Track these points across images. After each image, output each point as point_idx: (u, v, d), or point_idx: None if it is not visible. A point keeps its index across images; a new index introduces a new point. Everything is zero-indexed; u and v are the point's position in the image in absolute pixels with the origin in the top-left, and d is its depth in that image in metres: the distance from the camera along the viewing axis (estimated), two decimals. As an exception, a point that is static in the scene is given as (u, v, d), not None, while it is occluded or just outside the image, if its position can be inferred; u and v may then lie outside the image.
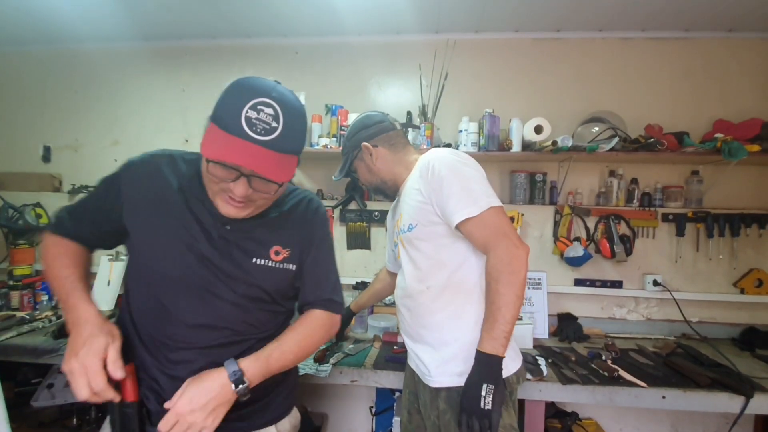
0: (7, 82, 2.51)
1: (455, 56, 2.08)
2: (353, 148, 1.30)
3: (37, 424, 2.00)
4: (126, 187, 0.90)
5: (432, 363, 1.14)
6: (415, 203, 1.15)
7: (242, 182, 0.80)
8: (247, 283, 0.91)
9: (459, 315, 1.12)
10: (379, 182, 1.32)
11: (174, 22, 2.17)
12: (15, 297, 2.17)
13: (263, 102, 0.77)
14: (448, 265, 1.13)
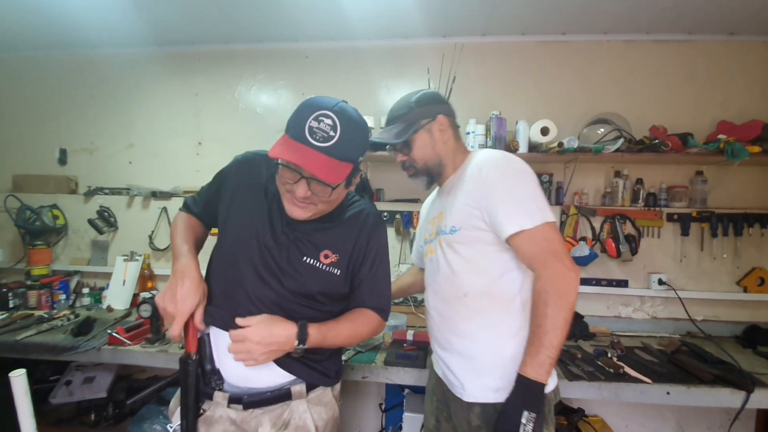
0: (24, 87, 2.58)
1: (462, 59, 2.12)
2: (424, 117, 1.15)
3: (55, 420, 2.06)
4: (228, 179, 1.10)
5: (464, 375, 1.09)
6: (461, 205, 1.09)
7: (302, 184, 0.93)
8: (294, 279, 1.01)
9: (494, 326, 1.07)
10: (434, 163, 1.19)
11: (187, 27, 2.22)
12: (32, 296, 2.23)
13: (324, 114, 0.90)
14: (488, 274, 1.07)
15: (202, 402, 1.03)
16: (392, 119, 1.20)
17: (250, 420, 1.02)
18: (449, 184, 1.19)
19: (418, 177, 1.22)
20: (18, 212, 2.35)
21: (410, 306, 2.13)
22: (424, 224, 1.33)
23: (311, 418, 1.05)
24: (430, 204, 1.36)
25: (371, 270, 1.10)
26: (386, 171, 2.30)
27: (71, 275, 2.40)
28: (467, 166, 1.14)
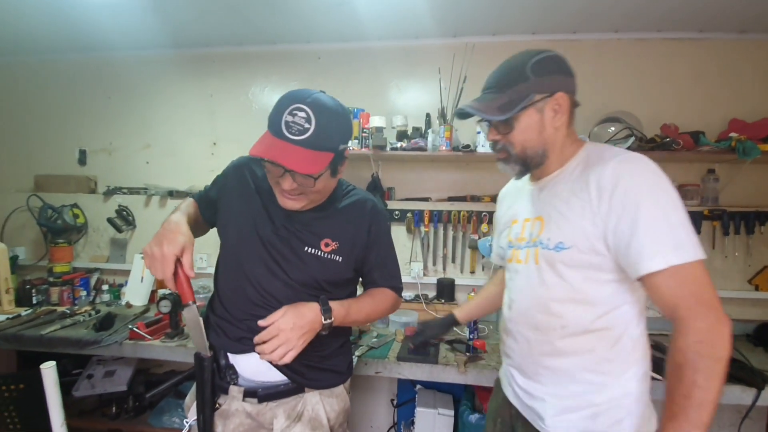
0: (46, 89, 2.65)
1: (473, 59, 2.14)
2: (539, 91, 0.89)
3: (78, 412, 2.13)
4: (224, 184, 1.14)
5: (546, 408, 0.94)
6: (578, 219, 0.87)
7: (287, 177, 0.94)
8: (299, 269, 1.04)
9: (595, 367, 0.89)
10: (536, 152, 0.94)
11: (203, 30, 2.27)
12: (55, 293, 2.30)
13: (297, 107, 0.91)
14: (596, 307, 0.88)
15: (217, 396, 1.06)
16: (496, 85, 0.93)
17: (265, 412, 1.06)
18: (552, 181, 0.97)
19: (509, 164, 0.98)
20: (40, 211, 2.43)
21: (421, 303, 2.16)
22: (508, 220, 1.09)
23: (324, 410, 1.08)
24: (517, 195, 1.10)
25: (379, 255, 1.14)
26: (397, 169, 2.33)
27: (91, 272, 2.47)
28: (581, 164, 0.92)
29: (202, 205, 1.18)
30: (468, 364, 1.61)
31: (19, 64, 2.65)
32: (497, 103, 0.90)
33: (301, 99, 0.91)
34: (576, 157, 0.94)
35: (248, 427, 1.06)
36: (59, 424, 1.27)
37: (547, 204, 0.95)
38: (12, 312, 2.09)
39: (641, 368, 0.91)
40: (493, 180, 2.28)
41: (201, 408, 1.03)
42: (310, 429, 1.06)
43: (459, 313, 1.42)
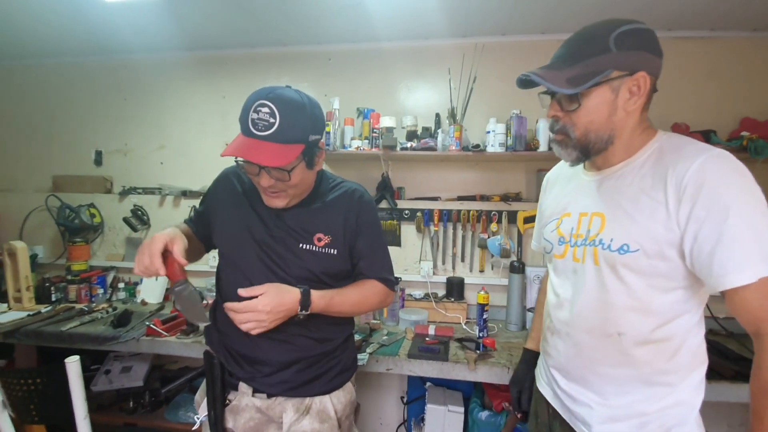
0: (64, 91, 2.71)
1: (483, 59, 2.15)
2: (619, 66, 0.79)
3: (96, 407, 2.18)
4: (212, 196, 1.18)
5: (591, 414, 0.89)
6: (642, 218, 0.79)
7: (263, 174, 0.97)
8: (297, 266, 1.07)
9: (651, 378, 0.84)
10: (599, 138, 0.84)
11: (216, 32, 2.31)
12: (73, 290, 2.36)
13: (260, 104, 0.93)
14: (657, 316, 0.82)
15: (227, 393, 1.10)
16: (569, 54, 0.82)
17: (274, 407, 1.09)
18: (615, 174, 0.87)
19: (565, 148, 0.87)
20: (58, 211, 2.49)
21: (431, 302, 2.18)
22: (558, 211, 1.01)
23: (331, 403, 1.12)
24: (567, 184, 1.01)
25: (367, 243, 1.13)
26: (407, 169, 2.35)
27: (108, 270, 2.53)
28: (653, 157, 0.83)
29: (194, 223, 1.21)
30: (478, 361, 1.63)
31: (40, 67, 2.71)
32: (567, 74, 0.80)
33: (263, 95, 0.93)
34: (646, 148, 0.84)
35: (258, 422, 1.10)
36: (83, 416, 1.31)
37: (609, 199, 0.86)
38: (32, 309, 2.15)
39: (697, 377, 0.86)
40: (503, 179, 2.29)
41: (212, 404, 1.08)
42: (318, 422, 1.09)
43: (531, 344, 1.24)
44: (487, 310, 1.88)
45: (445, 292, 2.26)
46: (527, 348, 1.26)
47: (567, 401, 0.95)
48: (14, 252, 2.15)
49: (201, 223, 1.20)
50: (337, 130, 2.15)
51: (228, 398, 1.10)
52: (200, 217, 1.21)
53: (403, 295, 2.17)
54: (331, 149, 2.11)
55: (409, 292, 2.26)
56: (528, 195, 2.25)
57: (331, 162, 2.39)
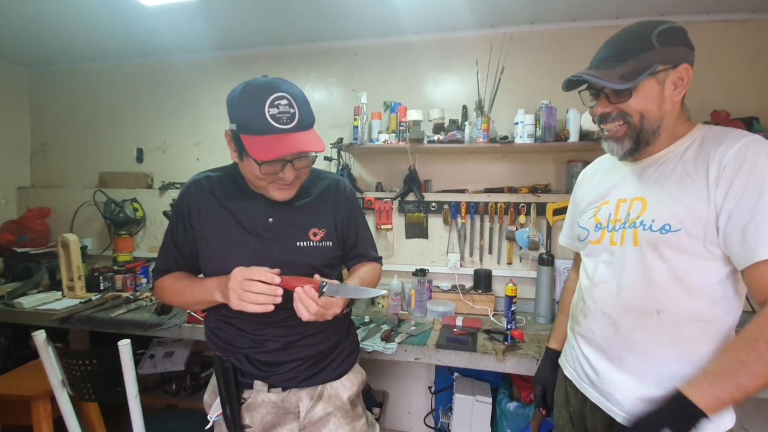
0: (107, 93, 2.88)
1: (511, 49, 2.13)
2: (664, 61, 0.85)
3: (143, 388, 2.32)
4: (186, 211, 1.07)
5: (628, 395, 0.90)
6: (686, 199, 0.83)
7: (288, 168, 0.96)
8: (297, 264, 1.05)
9: (692, 355, 0.85)
10: (652, 126, 0.89)
11: (247, 31, 2.38)
12: (119, 280, 2.50)
13: (277, 96, 0.89)
14: (698, 296, 0.84)
15: (241, 392, 1.09)
16: (616, 54, 0.88)
17: (289, 398, 1.10)
18: (658, 161, 0.92)
19: (621, 141, 0.92)
20: (104, 205, 2.66)
21: (458, 293, 2.19)
22: (595, 200, 1.04)
23: (342, 387, 1.15)
24: (607, 176, 1.05)
25: (358, 230, 1.20)
26: (434, 162, 2.36)
27: (150, 261, 2.67)
28: (695, 145, 0.87)
29: (188, 263, 1.13)
30: (506, 352, 1.64)
31: (85, 71, 2.89)
32: (620, 72, 0.85)
33: (273, 88, 0.90)
34: (688, 136, 0.90)
35: (275, 415, 1.10)
36: (134, 395, 1.42)
37: (652, 184, 0.91)
38: (83, 297, 2.31)
39: None
40: (531, 171, 2.26)
41: (228, 405, 1.06)
42: (332, 406, 1.12)
43: (555, 344, 1.26)
44: (515, 302, 1.88)
45: (472, 284, 2.27)
46: (550, 347, 1.27)
47: (599, 382, 0.96)
48: (67, 244, 2.31)
49: (184, 259, 1.12)
50: (364, 124, 2.18)
51: (243, 397, 1.09)
52: (180, 252, 1.11)
53: (431, 287, 2.20)
54: (358, 143, 2.15)
55: (436, 284, 2.28)
56: (558, 186, 2.22)
57: (359, 156, 2.43)
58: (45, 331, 1.45)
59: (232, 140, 0.97)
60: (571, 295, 1.22)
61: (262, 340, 1.06)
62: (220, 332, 1.11)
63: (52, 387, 1.47)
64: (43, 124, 3.02)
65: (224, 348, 1.10)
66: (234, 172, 1.10)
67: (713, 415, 0.75)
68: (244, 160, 0.97)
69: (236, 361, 1.08)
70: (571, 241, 1.22)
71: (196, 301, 1.06)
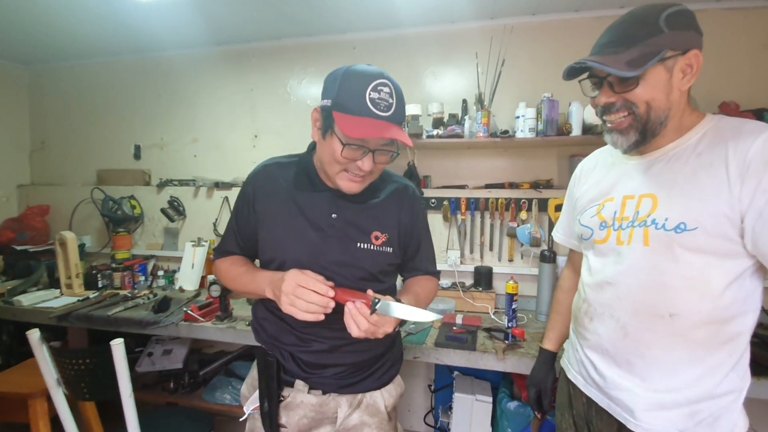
0: (103, 90, 2.86)
1: (512, 41, 2.08)
2: (673, 46, 0.79)
3: (141, 386, 2.33)
4: (256, 200, 1.06)
5: (637, 401, 0.87)
6: (703, 195, 0.78)
7: (369, 157, 0.92)
8: (353, 266, 1.02)
9: (703, 359, 0.82)
10: (658, 116, 0.83)
11: (242, 26, 2.35)
12: (117, 277, 2.50)
13: (381, 83, 0.88)
14: (714, 297, 0.79)
15: (281, 389, 1.07)
16: (623, 39, 0.81)
17: (328, 402, 1.07)
18: (667, 155, 0.86)
19: (626, 133, 0.86)
20: (102, 203, 2.64)
21: (458, 291, 2.16)
22: (597, 197, 0.99)
23: (382, 398, 1.11)
24: (608, 171, 1.00)
25: (420, 240, 1.15)
26: (433, 157, 2.32)
27: (148, 259, 2.67)
28: (708, 137, 0.82)
29: (240, 248, 1.12)
30: (507, 351, 1.61)
31: (82, 68, 2.88)
32: (626, 58, 0.79)
33: (379, 74, 0.89)
34: (697, 128, 0.84)
35: (312, 419, 1.07)
36: (128, 394, 1.40)
37: (661, 180, 0.85)
38: (82, 294, 2.30)
39: (744, 363, 0.85)
40: (533, 166, 2.22)
41: (267, 400, 1.05)
42: (368, 415, 1.08)
43: (549, 344, 1.23)
44: (516, 299, 1.84)
45: (473, 282, 2.24)
46: (545, 348, 1.23)
47: (606, 387, 0.92)
48: (65, 242, 2.30)
49: (246, 242, 1.11)
50: (362, 119, 2.14)
51: (282, 395, 1.07)
52: (242, 235, 1.11)
53: (430, 284, 2.16)
54: (356, 139, 2.11)
55: (436, 281, 2.25)
56: (560, 182, 2.17)
57: (358, 151, 2.39)
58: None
59: (320, 117, 0.95)
60: (565, 293, 1.19)
61: (308, 339, 1.04)
62: (267, 324, 1.10)
63: (48, 386, 1.46)
64: (42, 122, 3.02)
65: (270, 342, 1.09)
66: (305, 162, 1.07)
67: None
68: (327, 140, 0.94)
69: (281, 357, 1.06)
70: (567, 238, 1.18)
71: (247, 291, 1.06)
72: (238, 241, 1.12)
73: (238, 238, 1.12)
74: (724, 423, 0.82)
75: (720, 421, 0.82)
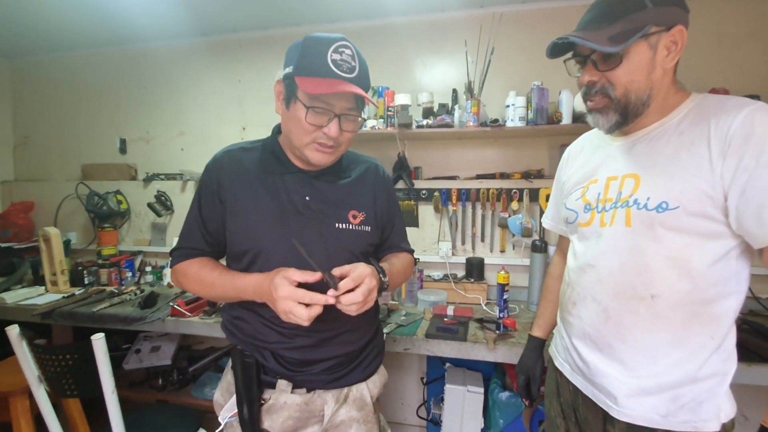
0: (86, 83, 2.79)
1: (501, 29, 2.06)
2: (657, 22, 0.77)
3: (129, 383, 2.29)
4: (218, 184, 0.98)
5: (619, 387, 0.85)
6: (684, 174, 0.76)
7: (335, 122, 0.89)
8: (334, 247, 0.98)
9: (685, 341, 0.80)
10: (639, 97, 0.81)
11: (229, 15, 2.30)
12: (103, 274, 2.45)
13: (342, 45, 0.87)
14: (696, 277, 0.78)
15: (262, 392, 1.00)
16: (605, 14, 0.80)
17: (314, 400, 1.01)
18: (650, 134, 0.85)
19: (605, 114, 0.85)
20: (87, 198, 2.58)
21: (450, 282, 2.14)
22: (582, 180, 0.97)
23: (367, 389, 1.08)
24: (593, 153, 0.98)
25: (395, 218, 1.15)
26: (424, 148, 2.30)
27: (135, 255, 2.62)
28: (690, 115, 0.80)
29: (215, 245, 1.03)
30: (498, 341, 1.59)
31: (65, 60, 2.80)
32: (609, 33, 0.77)
33: (340, 37, 0.89)
34: (681, 107, 0.82)
35: (297, 419, 1.00)
36: (110, 390, 1.37)
37: (643, 160, 0.83)
38: (67, 291, 2.26)
39: (729, 346, 0.83)
40: (524, 156, 2.20)
41: (247, 406, 0.97)
42: (356, 409, 1.05)
43: (538, 331, 1.22)
44: (507, 290, 1.82)
45: (464, 273, 2.22)
46: (534, 335, 1.23)
47: (589, 373, 0.91)
48: (49, 238, 2.25)
49: (213, 237, 1.02)
50: (351, 109, 2.11)
51: (263, 398, 1.00)
52: (208, 229, 1.01)
53: (422, 276, 2.14)
54: (345, 129, 2.08)
55: (427, 273, 2.23)
56: (551, 171, 2.16)
57: (347, 143, 2.36)
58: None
59: (283, 88, 0.94)
60: (554, 280, 1.18)
61: (291, 334, 0.97)
62: (243, 323, 1.02)
63: (29, 383, 1.43)
64: (25, 116, 2.94)
65: (247, 342, 1.01)
66: (271, 144, 1.03)
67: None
68: (291, 109, 0.91)
69: (260, 357, 1.00)
70: (555, 223, 1.16)
71: (227, 297, 0.99)
72: (205, 236, 1.02)
73: (204, 233, 1.02)
74: (707, 407, 0.81)
75: (703, 405, 0.81)
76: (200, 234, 1.02)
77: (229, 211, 0.98)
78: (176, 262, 1.04)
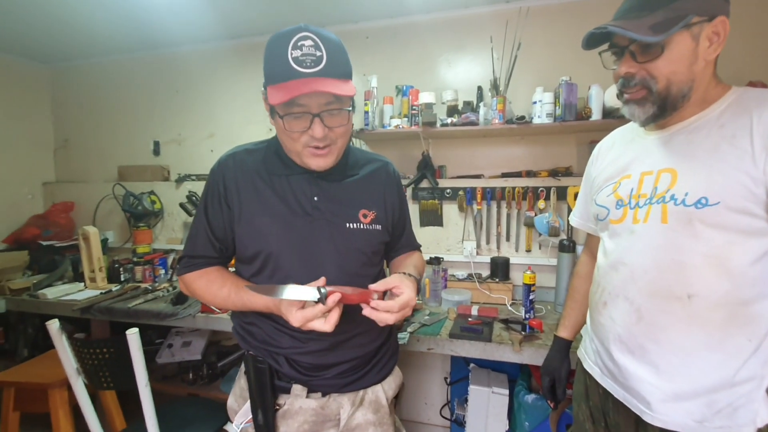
0: (124, 87, 2.92)
1: (528, 24, 2.01)
2: (699, 12, 0.74)
3: (161, 377, 2.37)
4: (224, 188, 0.96)
5: (652, 391, 0.82)
6: (725, 168, 0.73)
7: (317, 123, 0.84)
8: (345, 248, 0.96)
9: (723, 343, 0.77)
10: (680, 89, 0.78)
11: (256, 19, 2.34)
12: (138, 271, 2.56)
13: (301, 37, 0.80)
14: (736, 276, 0.75)
15: (276, 397, 0.99)
16: (643, 3, 0.77)
17: (330, 404, 1.00)
18: (688, 127, 0.82)
19: (642, 105, 0.82)
20: (123, 198, 2.70)
21: (474, 282, 2.12)
22: (614, 175, 0.94)
23: (383, 391, 1.07)
24: (626, 148, 0.95)
25: (404, 217, 1.15)
26: (448, 147, 2.28)
27: (168, 253, 2.71)
28: (731, 108, 0.78)
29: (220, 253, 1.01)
30: (524, 343, 1.56)
31: (102, 65, 2.94)
32: (650, 22, 0.74)
33: (297, 30, 0.81)
34: (722, 100, 0.79)
35: (313, 424, 0.99)
36: (144, 383, 1.42)
37: (682, 154, 0.80)
38: (104, 288, 2.36)
39: (766, 348, 0.78)
40: (551, 153, 2.14)
41: (262, 411, 0.96)
42: (372, 412, 1.03)
43: (564, 332, 1.19)
44: (533, 290, 1.79)
45: (489, 273, 2.19)
46: (559, 336, 1.20)
47: (621, 376, 0.88)
48: (88, 237, 2.36)
49: (222, 243, 0.99)
50: (375, 109, 2.12)
51: (278, 403, 0.98)
52: (216, 235, 0.99)
53: (446, 276, 2.13)
54: (369, 128, 2.09)
55: (451, 273, 2.21)
56: (579, 169, 2.10)
57: (371, 142, 2.36)
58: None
59: (265, 101, 0.89)
60: (581, 280, 1.14)
61: (304, 338, 0.96)
62: (255, 329, 1.00)
63: (68, 375, 1.50)
64: (64, 119, 3.10)
65: (261, 348, 1.00)
66: (275, 145, 1.00)
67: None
68: (275, 120, 0.87)
69: (274, 362, 0.98)
70: (584, 221, 1.13)
71: (241, 309, 0.98)
72: (213, 242, 0.99)
73: (212, 239, 0.99)
74: (744, 413, 0.77)
75: (740, 410, 0.77)
76: (208, 240, 1.00)
77: (236, 217, 0.96)
78: (182, 272, 1.02)
